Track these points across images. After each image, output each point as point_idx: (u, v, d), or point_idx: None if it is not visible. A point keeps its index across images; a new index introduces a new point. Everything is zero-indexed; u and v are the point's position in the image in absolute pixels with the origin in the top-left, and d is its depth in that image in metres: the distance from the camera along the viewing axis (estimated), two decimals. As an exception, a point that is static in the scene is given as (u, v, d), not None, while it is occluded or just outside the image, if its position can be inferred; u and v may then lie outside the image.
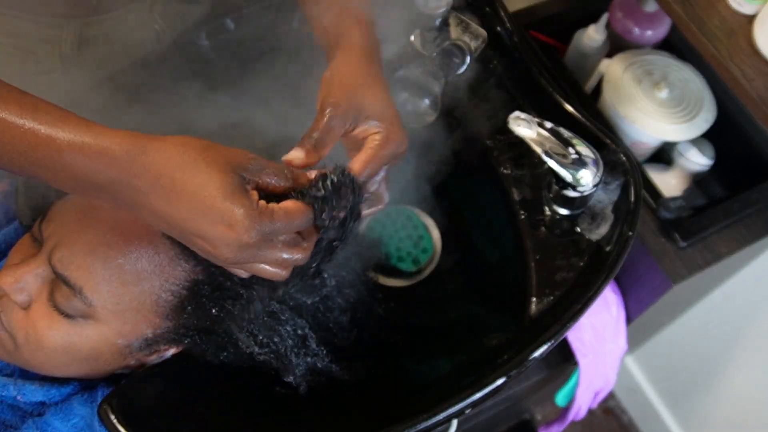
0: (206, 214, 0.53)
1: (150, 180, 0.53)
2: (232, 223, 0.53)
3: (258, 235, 0.54)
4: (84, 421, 0.70)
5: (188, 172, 0.53)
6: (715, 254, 1.07)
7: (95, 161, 0.52)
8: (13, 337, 0.68)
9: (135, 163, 0.52)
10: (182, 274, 0.68)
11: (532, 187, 0.88)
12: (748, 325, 1.41)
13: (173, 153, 0.53)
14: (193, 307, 0.68)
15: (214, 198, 0.53)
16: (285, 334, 0.70)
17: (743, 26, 0.92)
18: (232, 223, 0.53)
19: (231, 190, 0.53)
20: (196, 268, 0.68)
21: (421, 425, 0.67)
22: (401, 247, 0.89)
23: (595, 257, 0.80)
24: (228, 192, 0.53)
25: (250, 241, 0.54)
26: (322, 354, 0.71)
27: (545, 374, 1.16)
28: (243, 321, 0.69)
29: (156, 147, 0.53)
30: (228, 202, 0.53)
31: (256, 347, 0.70)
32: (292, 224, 0.56)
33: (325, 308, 0.73)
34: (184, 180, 0.52)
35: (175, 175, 0.53)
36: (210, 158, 0.53)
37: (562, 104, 0.87)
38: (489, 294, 0.87)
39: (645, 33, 1.19)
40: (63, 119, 0.52)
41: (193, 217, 0.53)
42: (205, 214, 0.53)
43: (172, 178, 0.53)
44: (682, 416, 1.69)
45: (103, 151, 0.52)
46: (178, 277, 0.68)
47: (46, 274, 0.68)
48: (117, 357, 0.70)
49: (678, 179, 1.17)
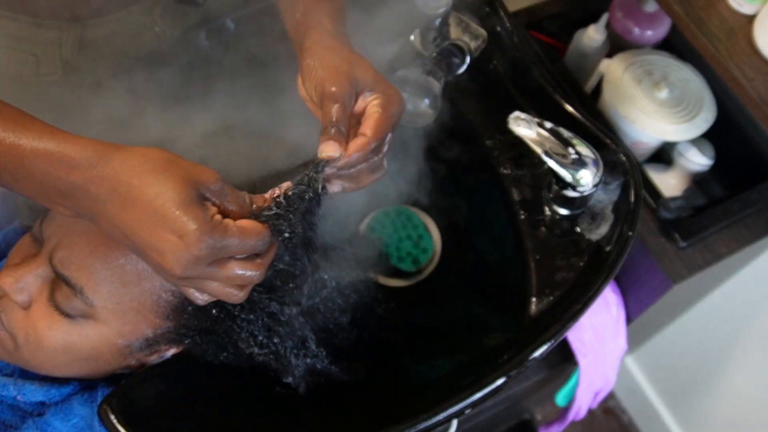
0: (158, 223, 0.52)
1: (108, 187, 0.53)
2: (183, 234, 0.52)
3: (207, 249, 0.53)
4: (84, 421, 0.70)
5: (145, 180, 0.52)
6: (715, 254, 1.07)
7: (57, 167, 0.53)
8: (14, 337, 0.68)
9: (95, 171, 0.53)
10: (183, 274, 0.68)
11: (532, 187, 0.88)
12: (748, 325, 1.41)
13: (134, 162, 0.53)
14: (193, 307, 0.68)
15: (168, 207, 0.52)
16: (285, 334, 0.70)
17: (743, 26, 0.92)
18: (182, 234, 0.52)
19: (186, 201, 0.52)
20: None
21: (421, 425, 0.67)
22: (401, 247, 0.89)
23: (595, 257, 0.80)
24: (182, 203, 0.52)
25: (200, 254, 0.53)
26: (321, 355, 0.71)
27: (545, 374, 1.16)
28: (243, 322, 0.69)
29: (118, 156, 0.53)
30: (180, 212, 0.52)
31: (255, 348, 0.70)
32: (246, 243, 0.55)
33: (325, 309, 0.73)
34: (141, 188, 0.52)
35: (132, 182, 0.52)
36: (171, 170, 0.53)
37: (562, 104, 0.87)
38: (489, 294, 0.87)
39: (645, 33, 1.19)
40: (27, 126, 0.53)
41: (145, 226, 0.53)
42: (157, 222, 0.52)
43: (129, 185, 0.52)
44: (682, 416, 1.69)
45: (64, 158, 0.52)
46: (178, 277, 0.68)
47: (47, 274, 0.68)
48: (117, 357, 0.70)
49: (678, 179, 1.17)
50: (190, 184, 0.53)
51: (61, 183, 0.53)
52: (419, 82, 0.89)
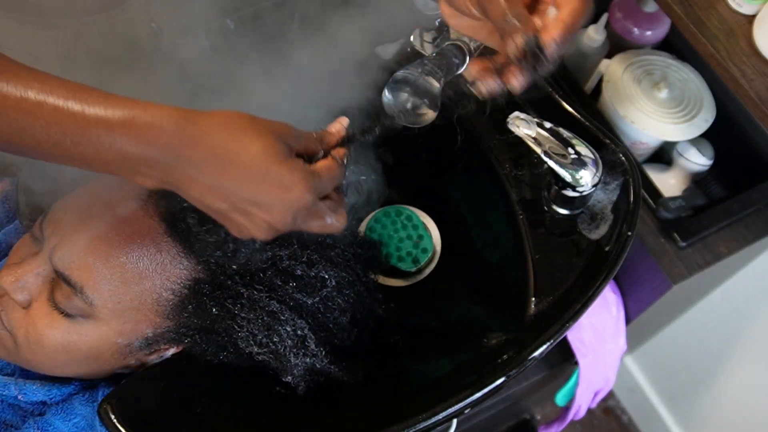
0: (264, 179, 0.55)
1: (203, 150, 0.53)
2: (292, 185, 0.55)
3: (313, 194, 0.57)
4: (85, 421, 0.70)
5: (242, 141, 0.54)
6: (715, 254, 1.07)
7: (145, 134, 0.52)
8: (14, 336, 0.68)
9: (185, 134, 0.53)
10: (183, 273, 0.68)
11: (532, 187, 0.88)
12: (747, 325, 1.41)
13: (222, 125, 0.54)
14: (193, 306, 0.68)
15: (271, 164, 0.54)
16: (284, 334, 0.70)
17: (743, 26, 0.92)
18: (291, 185, 0.55)
19: (284, 156, 0.55)
20: (197, 267, 0.68)
21: (421, 425, 0.67)
22: (401, 247, 0.89)
23: (594, 257, 0.80)
24: (282, 158, 0.55)
25: (308, 201, 0.56)
26: (320, 355, 0.71)
27: (545, 374, 1.16)
28: (243, 321, 0.69)
29: (204, 119, 0.54)
30: (284, 167, 0.55)
31: (255, 347, 0.70)
32: (333, 179, 0.59)
33: (325, 308, 0.73)
34: (238, 149, 0.54)
35: (229, 145, 0.54)
36: (259, 128, 0.55)
37: (561, 104, 0.87)
38: (489, 294, 0.87)
39: (645, 33, 1.19)
40: (109, 98, 0.53)
41: (250, 185, 0.55)
42: (264, 179, 0.55)
43: (226, 147, 0.54)
44: (682, 416, 1.69)
45: (152, 123, 0.52)
46: (179, 275, 0.68)
47: (47, 273, 0.68)
48: (117, 356, 0.70)
49: (678, 179, 1.17)
50: (278, 138, 0.56)
51: (150, 149, 0.53)
52: (419, 82, 0.89)
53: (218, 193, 0.55)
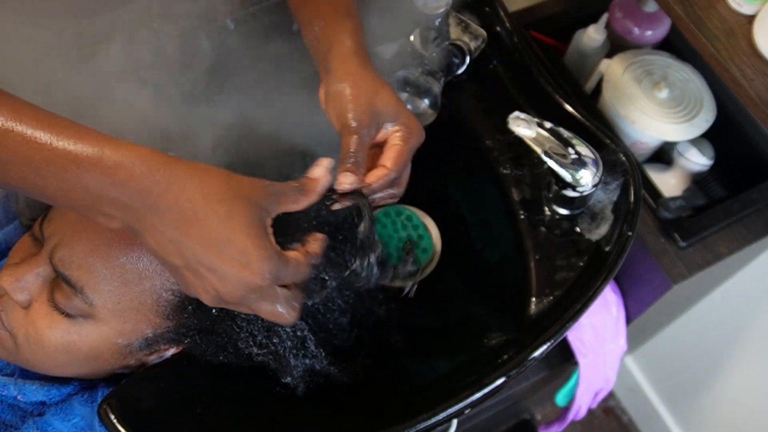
0: (225, 247, 0.52)
1: (170, 201, 0.51)
2: (250, 262, 0.53)
3: (269, 279, 0.54)
4: (84, 421, 0.70)
5: (212, 202, 0.52)
6: (715, 254, 1.07)
7: (113, 173, 0.50)
8: (14, 336, 0.68)
9: (155, 179, 0.51)
10: (183, 274, 0.68)
11: (532, 187, 0.88)
12: (747, 325, 1.41)
13: (197, 178, 0.52)
14: (193, 306, 0.68)
15: (236, 233, 0.52)
16: (284, 335, 0.70)
17: (743, 26, 0.92)
18: (249, 262, 0.53)
19: (254, 229, 0.53)
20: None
21: (421, 425, 0.67)
22: (401, 247, 0.89)
23: (594, 257, 0.80)
24: (251, 230, 0.52)
25: (263, 284, 0.54)
26: (320, 356, 0.71)
27: (545, 374, 1.16)
28: (243, 322, 0.69)
29: (181, 168, 0.52)
30: (249, 240, 0.52)
31: (254, 348, 0.70)
32: (297, 275, 0.58)
33: (325, 309, 0.73)
34: (206, 209, 0.52)
35: (198, 202, 0.51)
36: (234, 191, 0.53)
37: (561, 104, 0.87)
38: (489, 294, 0.87)
39: (645, 33, 1.19)
40: (81, 133, 0.51)
41: (210, 249, 0.52)
42: (224, 247, 0.52)
43: (194, 203, 0.51)
44: (682, 416, 1.69)
45: (121, 163, 0.51)
46: (178, 276, 0.68)
47: (47, 273, 0.68)
48: (117, 356, 0.70)
49: (678, 179, 1.17)
50: (254, 204, 0.53)
51: (116, 189, 0.51)
52: (419, 82, 0.89)
53: (176, 248, 0.53)
